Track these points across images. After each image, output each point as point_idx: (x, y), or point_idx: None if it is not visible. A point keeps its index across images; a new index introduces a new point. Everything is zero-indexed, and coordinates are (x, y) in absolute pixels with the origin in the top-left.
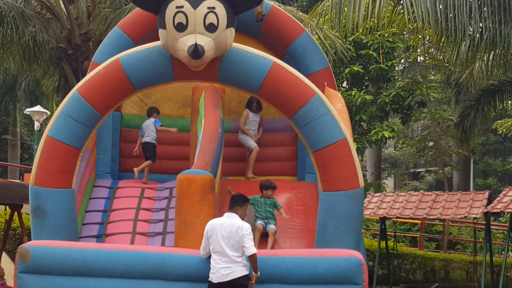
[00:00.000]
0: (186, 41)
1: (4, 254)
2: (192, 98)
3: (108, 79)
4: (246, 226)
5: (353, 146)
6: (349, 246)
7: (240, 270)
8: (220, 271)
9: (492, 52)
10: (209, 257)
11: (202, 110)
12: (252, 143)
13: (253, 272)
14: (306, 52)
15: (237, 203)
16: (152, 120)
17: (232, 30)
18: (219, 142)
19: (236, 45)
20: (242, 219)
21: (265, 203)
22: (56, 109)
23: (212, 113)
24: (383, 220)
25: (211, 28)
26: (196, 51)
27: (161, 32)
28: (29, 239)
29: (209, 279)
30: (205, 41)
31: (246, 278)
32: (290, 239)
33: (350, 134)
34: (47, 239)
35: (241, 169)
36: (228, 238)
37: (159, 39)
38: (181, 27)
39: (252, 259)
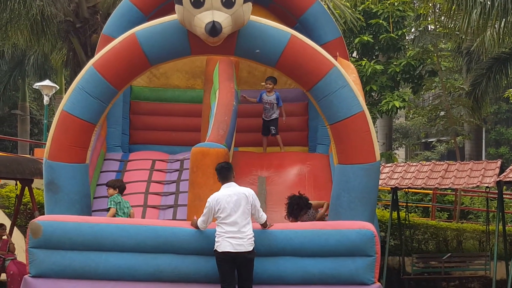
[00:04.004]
0: (203, 17)
1: (15, 229)
2: (206, 69)
3: (124, 54)
4: (253, 192)
5: (370, 119)
6: (363, 220)
7: (247, 245)
8: (229, 241)
9: (504, 19)
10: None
11: (217, 82)
12: None
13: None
14: (318, 22)
15: (230, 172)
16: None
17: (249, 5)
18: (233, 115)
19: (253, 18)
20: None
21: (126, 202)
22: (65, 83)
23: (227, 85)
24: (394, 190)
25: (228, 3)
26: (214, 29)
27: (177, 7)
28: (40, 214)
29: (215, 248)
30: (222, 17)
31: (252, 253)
32: None
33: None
34: (60, 214)
35: (252, 140)
36: (238, 206)
37: (169, 11)
38: (198, 3)
39: (264, 225)
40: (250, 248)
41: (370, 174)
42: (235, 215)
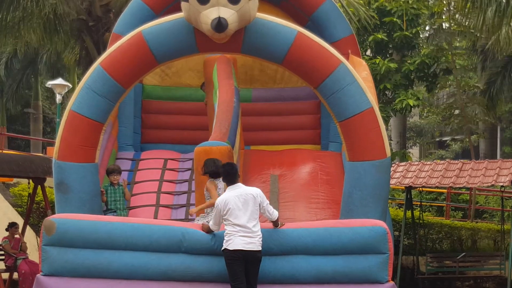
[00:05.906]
0: (209, 14)
1: (28, 227)
2: (205, 71)
3: (130, 52)
4: (260, 192)
5: (379, 116)
6: (375, 217)
7: (257, 244)
8: (241, 239)
9: None
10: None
11: (216, 82)
12: None
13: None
14: (330, 20)
15: (237, 175)
16: None
17: (255, 2)
18: (235, 112)
19: (260, 15)
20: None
21: (114, 193)
22: (77, 82)
23: (226, 84)
24: (408, 189)
25: (234, 0)
26: (220, 25)
27: (183, 4)
28: (53, 213)
29: (225, 246)
30: (228, 13)
31: (260, 252)
32: (315, 210)
33: (376, 103)
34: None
35: (264, 138)
36: (247, 207)
37: (179, 10)
38: (203, 0)
39: (276, 222)
40: (260, 248)
41: (381, 170)
42: (244, 217)
